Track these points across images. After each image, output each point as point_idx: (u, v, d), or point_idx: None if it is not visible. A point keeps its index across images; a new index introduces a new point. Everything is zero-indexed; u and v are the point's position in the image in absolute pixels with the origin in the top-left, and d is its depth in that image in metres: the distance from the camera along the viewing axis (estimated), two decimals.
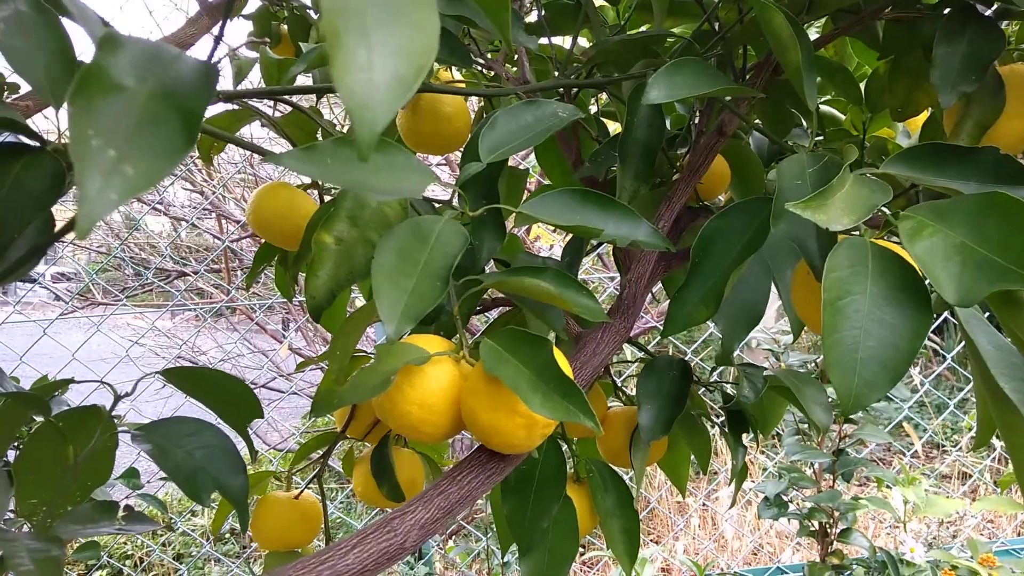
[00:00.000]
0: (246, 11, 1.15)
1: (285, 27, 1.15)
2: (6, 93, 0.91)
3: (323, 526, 0.80)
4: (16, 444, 0.75)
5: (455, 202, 0.57)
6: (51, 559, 0.43)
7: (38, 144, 0.45)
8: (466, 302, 0.57)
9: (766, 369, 0.80)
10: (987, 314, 0.56)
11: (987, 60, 0.58)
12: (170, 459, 0.53)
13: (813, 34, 0.74)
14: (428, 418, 0.51)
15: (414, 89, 0.24)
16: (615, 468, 0.76)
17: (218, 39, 0.40)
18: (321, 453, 0.83)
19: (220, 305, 2.93)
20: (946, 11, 0.61)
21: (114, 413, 0.58)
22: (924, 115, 0.74)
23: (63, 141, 0.49)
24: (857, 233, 0.48)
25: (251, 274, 0.88)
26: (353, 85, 0.23)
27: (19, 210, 0.43)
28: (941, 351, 3.58)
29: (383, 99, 0.24)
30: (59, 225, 0.47)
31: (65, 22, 0.46)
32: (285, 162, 0.40)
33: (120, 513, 0.54)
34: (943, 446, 3.64)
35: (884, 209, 0.50)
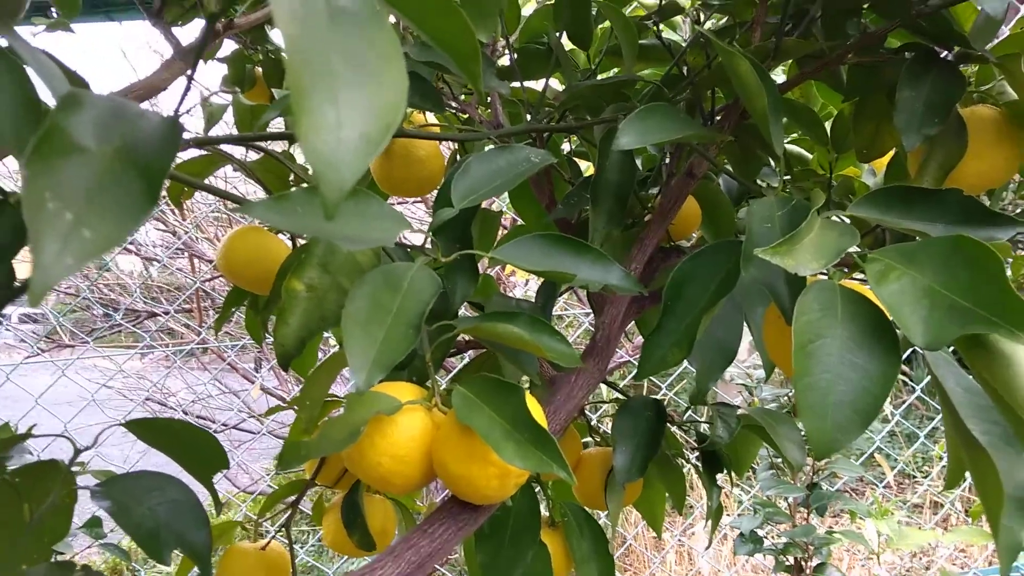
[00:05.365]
0: (220, 54, 1.15)
1: (260, 70, 1.15)
2: None
3: None
4: None
5: (428, 247, 0.57)
6: None
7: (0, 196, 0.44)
8: (439, 347, 0.56)
9: (739, 408, 0.80)
10: (951, 348, 0.56)
11: (949, 103, 0.59)
12: (131, 517, 0.51)
13: (779, 77, 0.75)
14: (399, 469, 0.50)
15: (381, 148, 0.24)
16: (590, 511, 0.75)
17: (188, 84, 0.39)
18: (291, 500, 0.81)
19: (192, 346, 2.89)
20: (908, 55, 0.62)
21: (78, 460, 0.56)
22: (889, 154, 0.75)
23: None
24: (826, 275, 0.49)
25: (220, 317, 0.87)
26: (319, 145, 0.23)
27: None
28: (911, 381, 3.62)
29: (350, 159, 0.23)
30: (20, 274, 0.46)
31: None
32: (256, 212, 0.39)
33: (76, 572, 0.52)
34: (914, 476, 3.66)
35: (853, 249, 0.50)
